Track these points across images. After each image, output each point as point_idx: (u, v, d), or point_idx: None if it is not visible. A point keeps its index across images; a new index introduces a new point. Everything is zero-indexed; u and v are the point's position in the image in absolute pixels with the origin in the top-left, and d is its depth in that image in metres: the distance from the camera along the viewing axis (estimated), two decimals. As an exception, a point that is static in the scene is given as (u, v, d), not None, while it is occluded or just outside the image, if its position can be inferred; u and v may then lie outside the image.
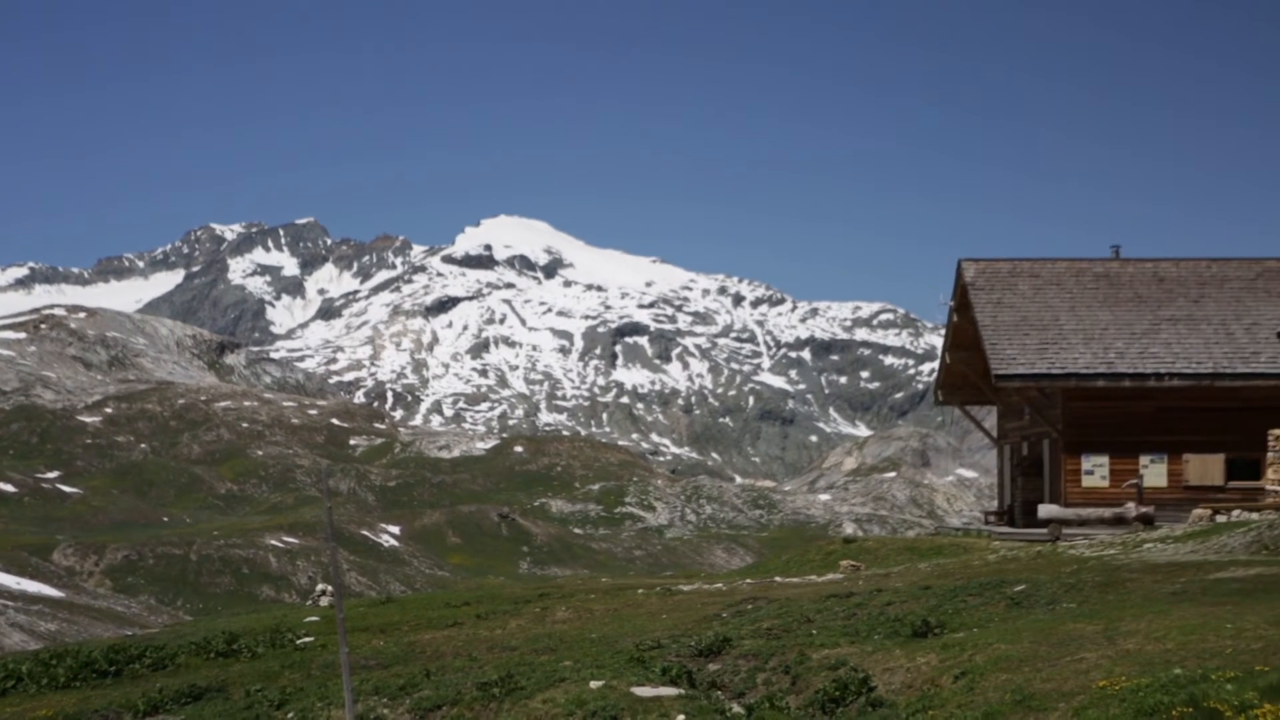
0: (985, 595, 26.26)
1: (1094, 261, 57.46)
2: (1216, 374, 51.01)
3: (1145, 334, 52.74)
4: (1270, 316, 51.03)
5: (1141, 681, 16.64)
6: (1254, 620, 19.62)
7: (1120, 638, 19.65)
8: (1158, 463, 51.05)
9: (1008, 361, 51.81)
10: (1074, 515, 45.97)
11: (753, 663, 22.81)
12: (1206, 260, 57.25)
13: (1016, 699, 17.28)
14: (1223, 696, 15.45)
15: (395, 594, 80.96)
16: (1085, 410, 51.57)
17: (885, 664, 20.88)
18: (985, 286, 55.28)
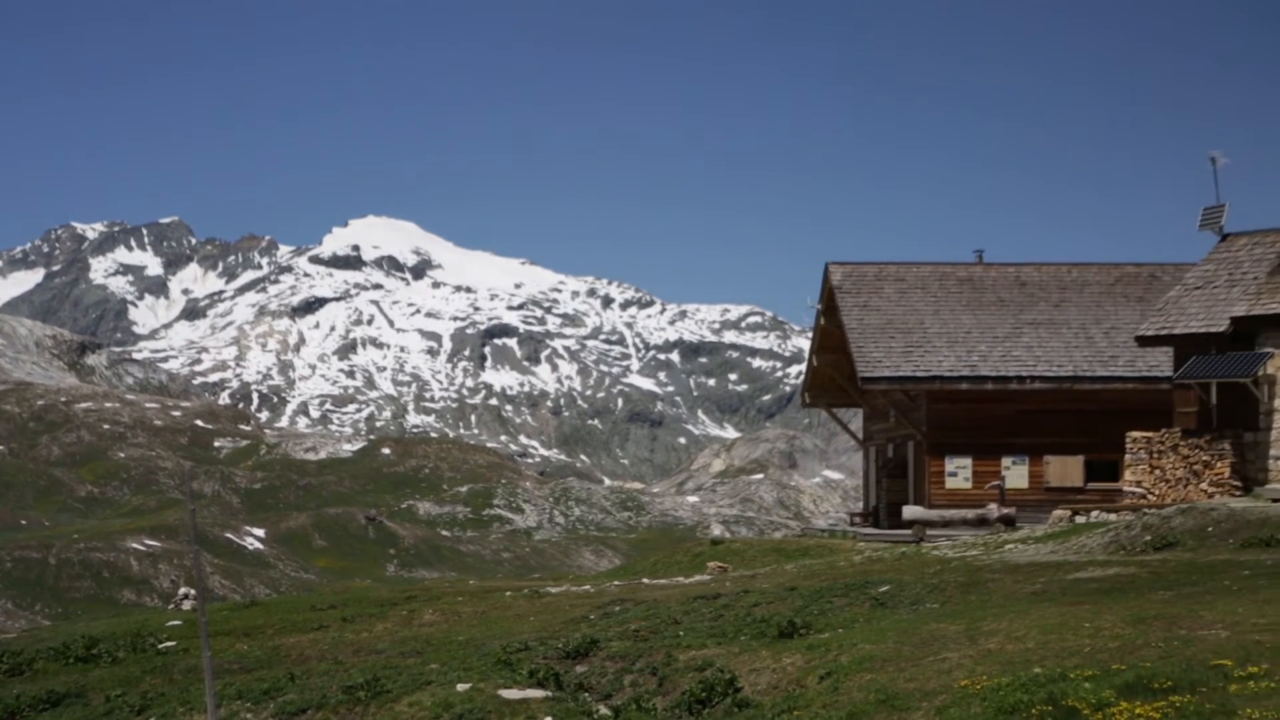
0: (850, 596, 26.48)
1: (958, 266, 58.23)
2: (1076, 377, 51.89)
3: (1007, 337, 53.52)
4: (1128, 321, 52.00)
5: (1002, 680, 16.86)
6: (1111, 619, 19.96)
7: (982, 637, 19.90)
8: (1019, 464, 51.83)
9: (873, 364, 52.32)
10: (938, 516, 46.50)
11: (620, 664, 22.82)
12: (1067, 265, 58.23)
13: (880, 698, 17.44)
14: (1081, 694, 15.70)
15: (260, 597, 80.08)
16: (949, 412, 52.23)
17: (752, 665, 20.99)
18: (852, 290, 55.80)
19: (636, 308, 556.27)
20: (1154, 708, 14.97)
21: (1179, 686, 15.63)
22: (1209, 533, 29.88)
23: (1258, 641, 17.50)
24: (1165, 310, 40.96)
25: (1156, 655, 17.33)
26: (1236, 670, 16.06)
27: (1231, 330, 38.34)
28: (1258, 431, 37.84)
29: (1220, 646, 17.47)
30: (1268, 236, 40.34)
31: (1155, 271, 57.53)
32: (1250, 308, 38.26)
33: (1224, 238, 41.66)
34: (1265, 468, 37.52)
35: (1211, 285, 40.19)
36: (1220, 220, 41.70)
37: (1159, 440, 38.89)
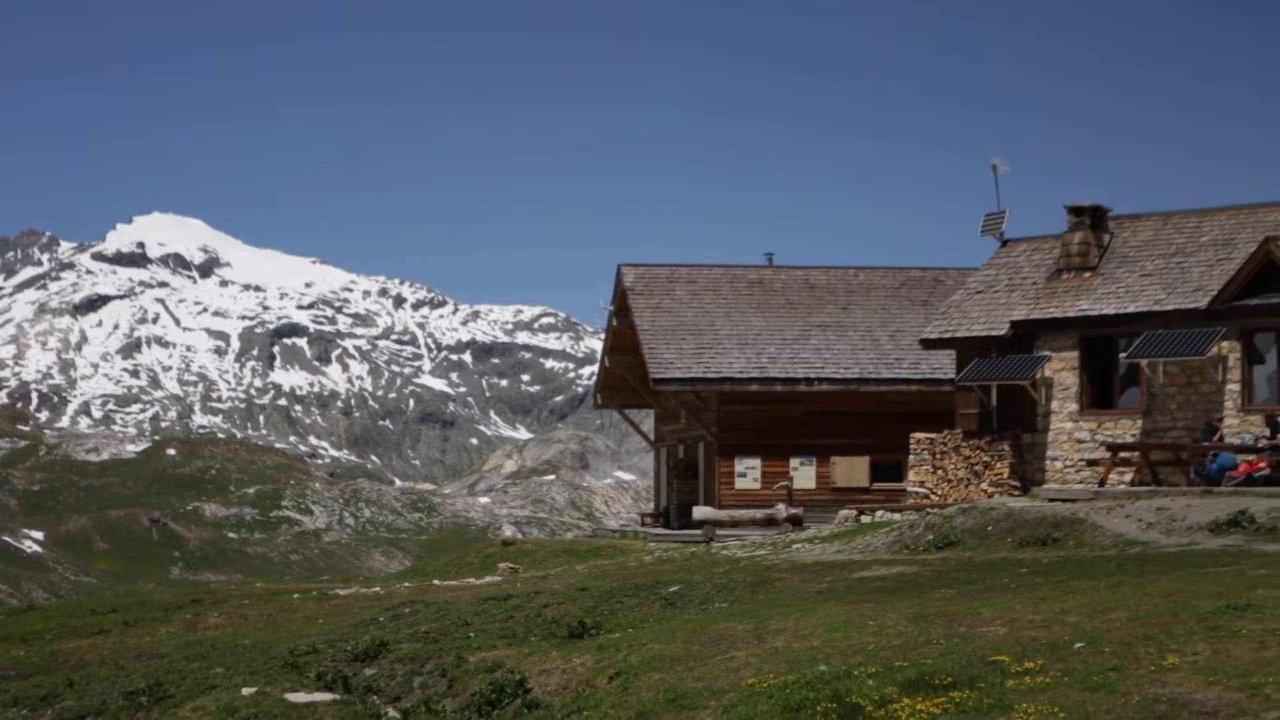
0: (641, 596, 26.61)
1: (748, 268, 58.91)
2: (862, 379, 52.82)
3: (796, 339, 54.26)
4: (913, 324, 53.05)
5: (789, 679, 17.06)
6: (895, 617, 20.33)
7: (769, 636, 20.13)
8: (807, 465, 52.60)
9: (665, 365, 52.69)
10: (727, 517, 46.96)
11: (409, 666, 22.67)
12: (854, 269, 59.24)
13: (669, 698, 17.54)
14: (865, 692, 15.95)
15: (38, 602, 77.91)
16: (739, 414, 52.80)
17: (542, 665, 20.99)
18: (644, 291, 56.11)
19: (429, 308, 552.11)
20: (935, 703, 15.27)
21: (959, 682, 15.97)
22: (988, 532, 30.60)
23: (1034, 638, 17.96)
24: (948, 314, 41.87)
25: (938, 652, 17.68)
26: (1014, 666, 16.45)
27: (1011, 334, 39.33)
28: (1035, 433, 38.87)
29: (998, 643, 17.89)
30: (1046, 242, 41.47)
31: (939, 276, 58.79)
32: (1029, 312, 39.29)
33: (1004, 243, 42.73)
34: (1042, 468, 38.56)
35: (992, 289, 41.18)
36: (1001, 226, 42.76)
37: (941, 441, 39.73)
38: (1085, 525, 29.82)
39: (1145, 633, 17.49)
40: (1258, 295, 35.71)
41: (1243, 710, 13.83)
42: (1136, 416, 37.44)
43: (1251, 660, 15.67)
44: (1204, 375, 36.36)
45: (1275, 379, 36.20)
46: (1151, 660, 16.03)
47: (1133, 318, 37.51)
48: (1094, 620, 18.69)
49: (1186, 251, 38.55)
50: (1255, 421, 35.26)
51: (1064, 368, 38.54)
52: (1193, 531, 28.49)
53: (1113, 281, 38.74)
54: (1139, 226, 40.29)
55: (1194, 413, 36.43)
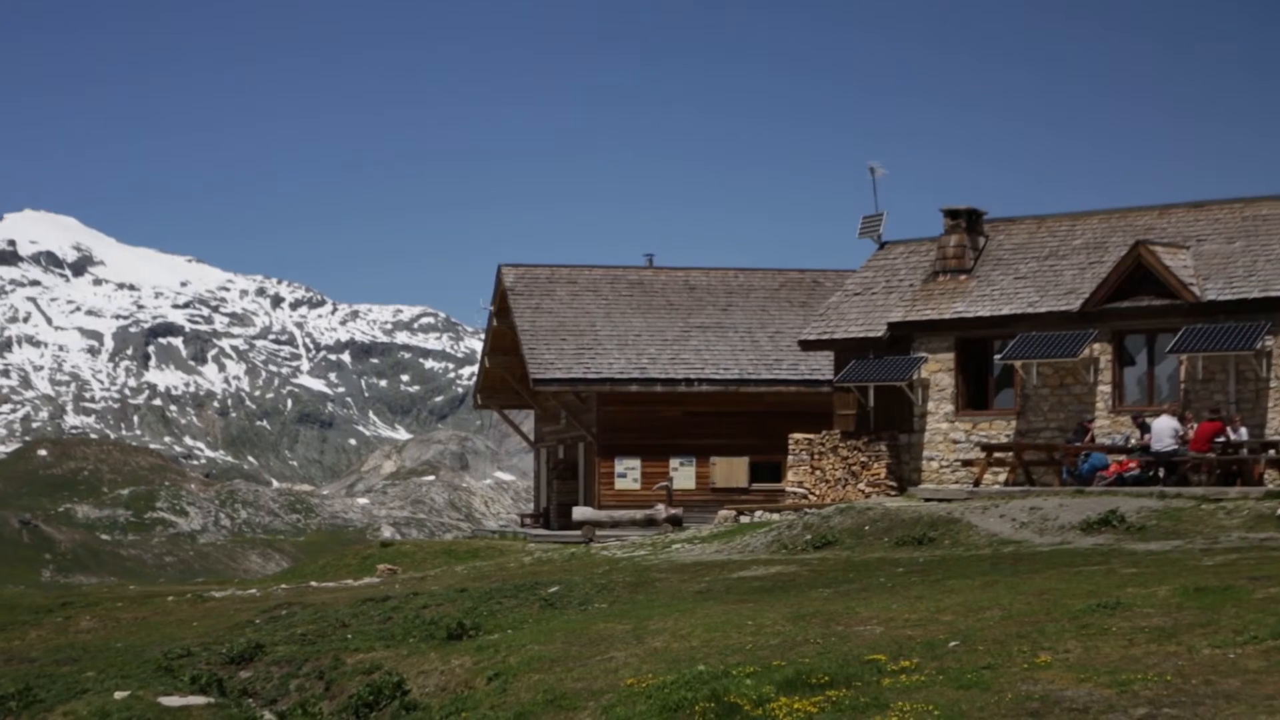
0: (520, 597, 26.56)
1: (629, 269, 58.99)
2: (742, 380, 53.09)
3: (677, 340, 54.42)
4: (792, 325, 53.39)
5: (667, 679, 17.10)
6: (773, 617, 20.44)
7: (648, 636, 20.16)
8: (687, 465, 52.77)
9: (545, 366, 52.64)
10: (607, 517, 47.00)
11: (286, 669, 22.47)
12: (734, 270, 59.53)
13: (548, 699, 17.52)
14: (742, 691, 16.02)
15: (-96, 606, 76.33)
16: (619, 414, 52.86)
17: (420, 667, 20.89)
18: (524, 292, 56.02)
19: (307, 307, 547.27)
20: (812, 702, 15.37)
21: (835, 681, 16.08)
22: (866, 532, 30.87)
23: (909, 636, 18.14)
24: (826, 315, 42.19)
25: (815, 651, 17.80)
26: (889, 664, 16.60)
27: (888, 335, 39.70)
28: (912, 433, 39.26)
29: (875, 642, 18.05)
30: (922, 245, 41.91)
31: (818, 278, 59.21)
32: (906, 313, 39.68)
33: (882, 246, 43.13)
34: (919, 468, 38.96)
35: (870, 292, 41.55)
36: (879, 228, 43.16)
37: (820, 442, 40.02)
38: (960, 525, 30.18)
39: (1019, 631, 17.72)
40: (1128, 298, 36.32)
41: (1112, 706, 14.05)
42: (1011, 417, 37.93)
43: (1121, 657, 15.93)
44: (1076, 377, 36.92)
45: (1145, 380, 36.85)
46: (1024, 658, 16.24)
47: (1007, 320, 38.00)
48: (969, 619, 18.91)
49: (1060, 255, 39.13)
50: (1125, 422, 35.87)
51: (940, 369, 38.97)
52: (1065, 531, 28.92)
53: (988, 284, 39.24)
54: (1013, 230, 40.83)
55: (1066, 414, 36.98)
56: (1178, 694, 14.21)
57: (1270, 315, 34.35)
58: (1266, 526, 27.43)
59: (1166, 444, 33.57)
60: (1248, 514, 28.43)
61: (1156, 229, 38.14)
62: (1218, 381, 35.21)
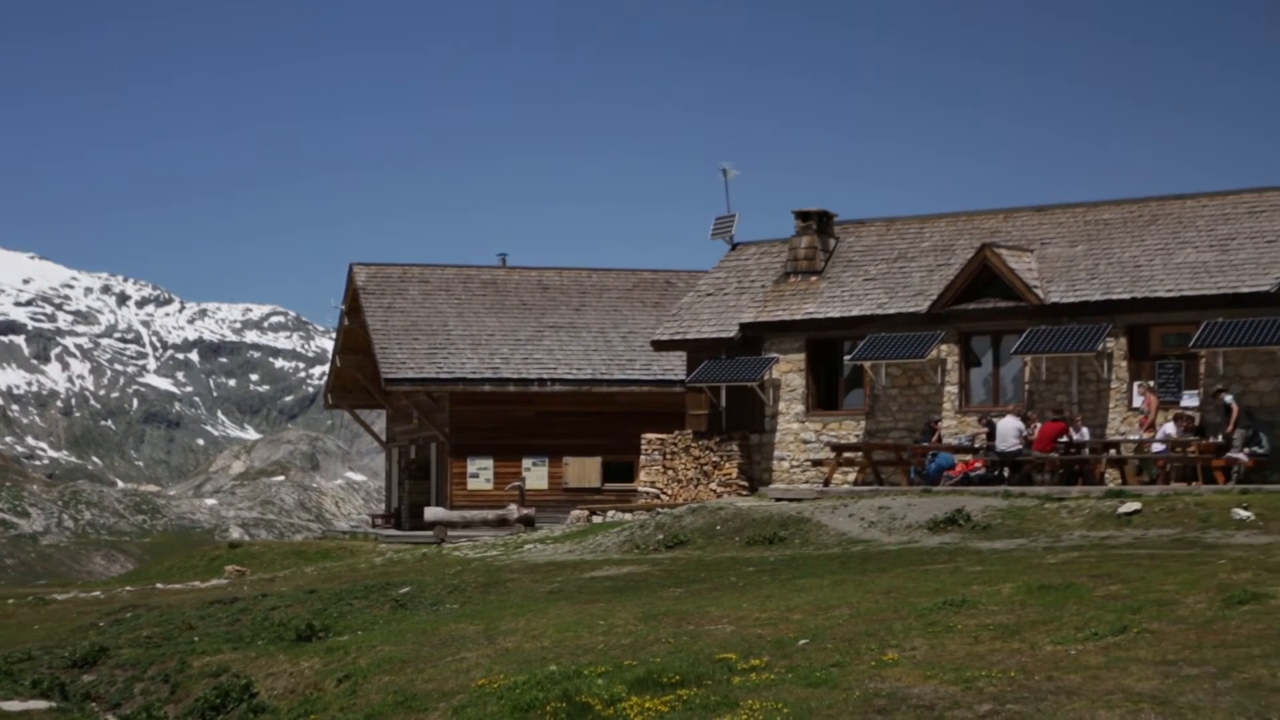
0: (371, 598, 26.39)
1: (482, 269, 58.83)
2: (595, 380, 53.16)
3: (530, 340, 54.36)
4: (645, 325, 53.54)
5: (519, 679, 17.08)
6: (625, 616, 20.50)
7: (500, 636, 20.13)
8: (539, 466, 52.74)
9: (397, 365, 52.33)
10: (459, 517, 46.81)
11: (130, 672, 22.14)
12: (588, 270, 59.59)
13: (398, 700, 17.44)
14: (594, 691, 16.04)
15: None
16: (471, 414, 52.68)
17: (268, 669, 20.67)
18: (376, 291, 55.64)
19: (154, 305, 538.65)
20: (663, 701, 15.43)
21: (686, 680, 16.16)
22: (717, 531, 31.04)
23: (760, 635, 18.28)
24: (679, 316, 42.37)
25: (666, 650, 17.88)
26: (740, 663, 16.71)
27: (740, 336, 39.96)
28: (763, 433, 39.55)
29: (726, 640, 18.17)
30: (774, 246, 42.24)
31: (670, 278, 59.45)
32: (758, 314, 39.97)
33: (734, 246, 43.41)
34: (770, 468, 39.26)
35: (722, 292, 41.79)
36: (731, 229, 43.43)
37: (672, 442, 40.18)
38: (810, 524, 30.46)
39: (867, 629, 17.93)
40: (975, 300, 36.90)
41: (958, 703, 14.26)
42: (860, 417, 38.35)
43: (966, 654, 16.18)
44: (924, 377, 37.43)
45: (991, 381, 37.46)
46: (872, 656, 16.44)
47: (857, 321, 38.43)
48: (818, 617, 19.10)
49: (908, 257, 39.64)
50: (972, 422, 36.44)
51: (791, 369, 39.29)
52: (912, 530, 29.31)
53: (838, 285, 39.65)
54: (863, 232, 41.29)
55: (914, 414, 37.47)
56: (1021, 690, 14.46)
57: (1111, 318, 35.08)
58: (1107, 525, 28.01)
59: (1011, 444, 34.14)
60: (1089, 513, 29.01)
61: (1002, 232, 38.80)
62: (1061, 382, 35.88)
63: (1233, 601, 17.64)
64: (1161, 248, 36.13)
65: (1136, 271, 35.65)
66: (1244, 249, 34.97)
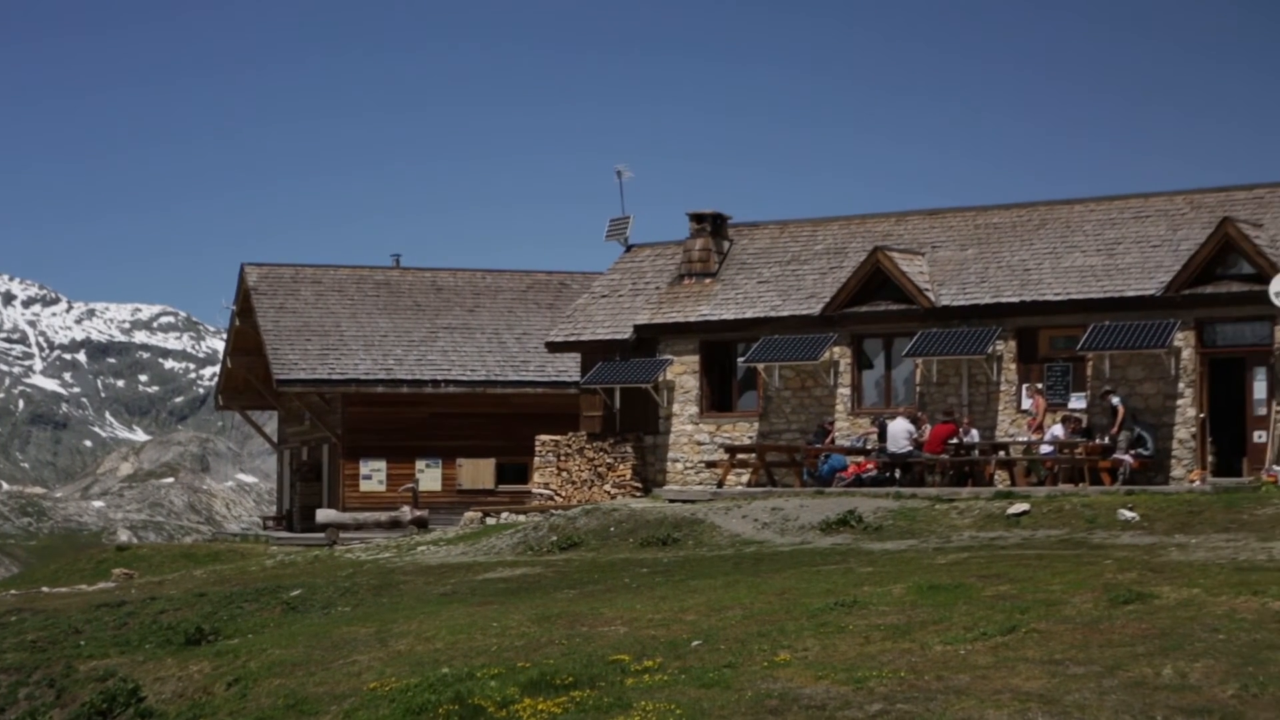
0: (261, 601, 26.17)
1: (375, 269, 58.51)
2: (489, 381, 53.03)
3: (423, 341, 54.12)
4: (539, 327, 53.48)
5: (411, 681, 17.01)
6: (518, 618, 20.46)
7: (392, 639, 20.03)
8: (433, 467, 52.52)
9: (289, 367, 51.91)
10: (351, 519, 46.48)
11: (14, 677, 21.81)
12: (482, 271, 59.43)
13: (289, 703, 17.31)
14: (487, 693, 16.02)
15: None
16: (364, 416, 52.38)
17: (157, 673, 20.45)
18: (268, 291, 55.16)
19: (40, 305, 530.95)
20: (556, 703, 15.44)
21: (580, 682, 16.17)
22: (611, 533, 31.06)
23: (653, 636, 18.32)
24: (573, 317, 42.35)
25: (560, 652, 17.88)
26: (633, 664, 16.75)
27: (635, 338, 40.00)
28: (657, 435, 39.61)
29: (619, 642, 18.19)
30: (669, 248, 42.33)
31: (565, 279, 59.42)
32: (652, 316, 40.03)
33: (629, 248, 43.45)
34: (664, 469, 39.34)
35: (617, 294, 41.82)
36: (625, 231, 43.49)
37: (566, 443, 40.15)
38: (704, 525, 30.56)
39: (759, 630, 18.02)
40: (867, 303, 37.18)
41: (849, 703, 14.37)
42: (753, 419, 38.53)
43: (857, 655, 16.31)
44: (817, 379, 37.66)
45: (883, 383, 37.76)
46: (765, 656, 16.53)
47: (750, 323, 38.58)
48: (711, 618, 19.17)
49: (801, 260, 39.88)
50: (864, 424, 36.70)
51: (685, 371, 39.39)
52: (805, 531, 29.49)
53: (732, 288, 39.80)
54: (757, 234, 41.48)
55: (807, 415, 37.69)
56: (911, 690, 14.60)
57: (1001, 321, 35.48)
58: (996, 526, 28.34)
59: (902, 446, 34.44)
60: (979, 514, 29.34)
61: (894, 235, 39.14)
62: (951, 385, 36.24)
63: (1118, 601, 17.91)
64: (1050, 252, 36.60)
65: (1025, 275, 36.09)
66: (1130, 253, 35.52)
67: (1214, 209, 35.33)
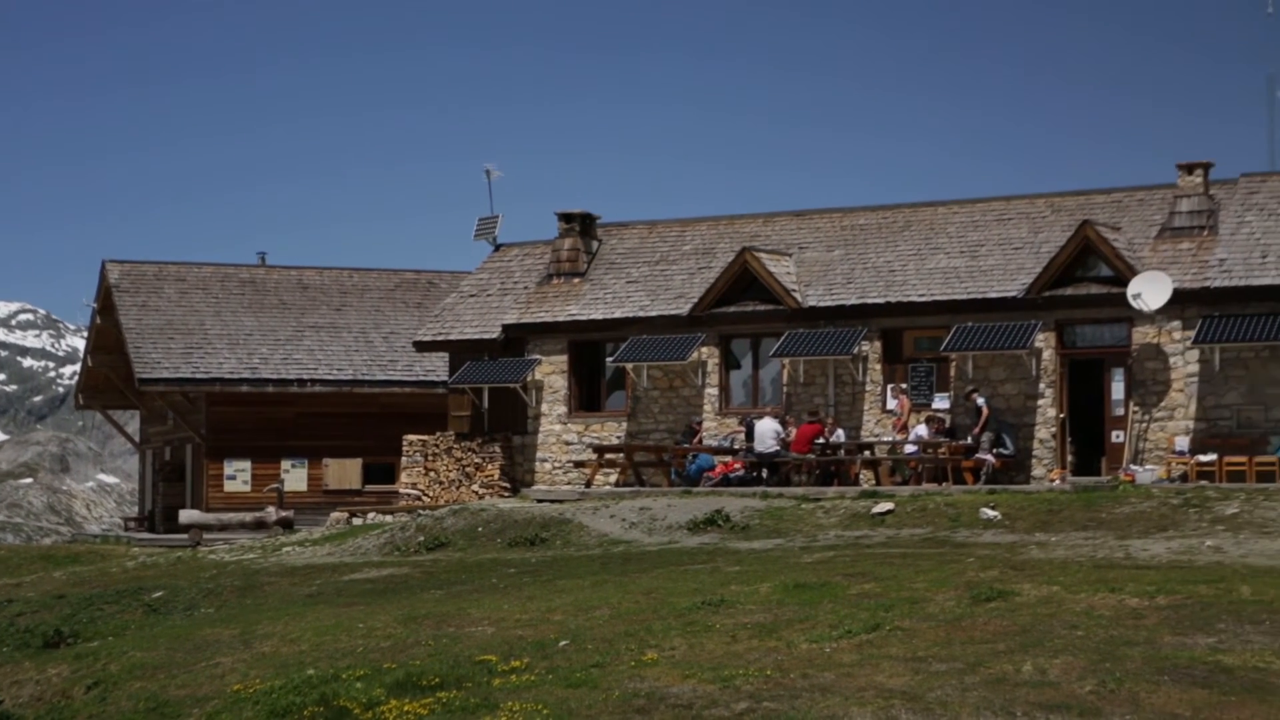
0: (122, 603, 25.81)
1: (240, 267, 57.85)
2: (356, 381, 52.63)
3: (289, 340, 53.60)
4: (407, 326, 53.19)
5: (275, 683, 16.86)
6: (384, 619, 20.35)
7: (257, 641, 19.84)
8: (299, 467, 52.02)
9: (152, 365, 51.19)
10: (215, 520, 45.93)
11: None
12: (349, 270, 58.96)
13: (150, 707, 17.09)
14: (352, 694, 15.92)
15: None
16: (228, 415, 51.77)
17: (14, 677, 20.10)
18: (130, 289, 54.34)
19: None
20: (422, 704, 15.37)
21: (446, 682, 16.12)
22: (479, 533, 30.98)
23: (520, 637, 18.30)
24: (442, 317, 42.17)
25: (426, 653, 17.80)
26: (500, 665, 16.72)
27: (503, 337, 39.92)
28: (526, 435, 39.57)
29: (486, 642, 18.15)
30: (537, 248, 42.30)
31: (433, 279, 59.13)
32: (520, 316, 39.98)
33: (498, 248, 43.37)
34: (532, 469, 39.30)
35: (485, 293, 41.71)
36: (494, 230, 43.41)
37: (434, 443, 39.97)
38: (572, 525, 30.57)
39: (627, 629, 18.07)
40: (735, 303, 37.40)
41: (715, 701, 14.45)
42: (622, 419, 38.60)
43: (724, 654, 16.40)
44: (685, 379, 37.81)
45: (750, 383, 38.00)
46: (632, 656, 16.57)
47: (619, 323, 38.65)
48: (579, 618, 19.19)
49: (670, 260, 40.02)
50: (731, 424, 36.90)
51: (553, 371, 39.37)
52: (673, 530, 29.60)
53: (600, 288, 39.84)
54: (626, 234, 41.57)
55: (675, 415, 37.84)
56: (777, 688, 14.71)
57: (866, 322, 35.86)
58: (861, 524, 28.63)
59: (769, 445, 34.66)
60: (844, 513, 29.62)
61: (762, 236, 39.40)
62: (818, 385, 36.56)
63: (980, 599, 18.17)
64: (915, 254, 37.04)
65: (891, 276, 36.49)
66: (992, 255, 36.05)
67: (1074, 212, 35.96)
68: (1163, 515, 26.99)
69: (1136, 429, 33.22)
